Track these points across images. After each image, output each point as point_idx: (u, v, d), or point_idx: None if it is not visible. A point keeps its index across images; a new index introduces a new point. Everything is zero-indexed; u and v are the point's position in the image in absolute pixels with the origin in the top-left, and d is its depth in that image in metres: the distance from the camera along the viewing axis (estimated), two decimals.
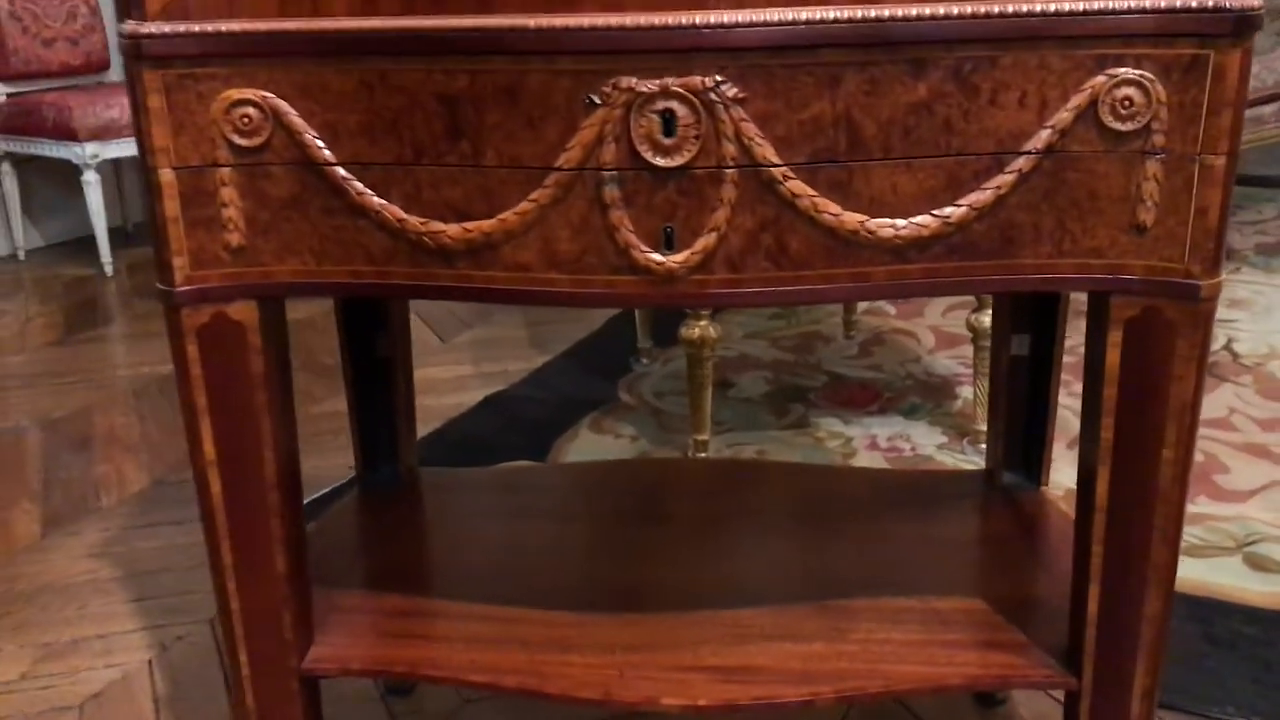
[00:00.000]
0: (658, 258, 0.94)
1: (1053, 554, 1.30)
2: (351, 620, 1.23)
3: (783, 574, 1.28)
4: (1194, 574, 1.78)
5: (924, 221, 0.93)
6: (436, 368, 2.82)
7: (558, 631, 1.19)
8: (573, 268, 0.96)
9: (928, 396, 2.50)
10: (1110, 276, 0.95)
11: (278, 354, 1.08)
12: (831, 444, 2.30)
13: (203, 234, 1.00)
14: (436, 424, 2.47)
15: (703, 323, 2.10)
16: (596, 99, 0.90)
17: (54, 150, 3.73)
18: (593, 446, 2.34)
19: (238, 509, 1.10)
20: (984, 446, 2.12)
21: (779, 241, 0.94)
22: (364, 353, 1.47)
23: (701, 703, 1.09)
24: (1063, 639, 1.13)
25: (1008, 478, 1.44)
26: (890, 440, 2.30)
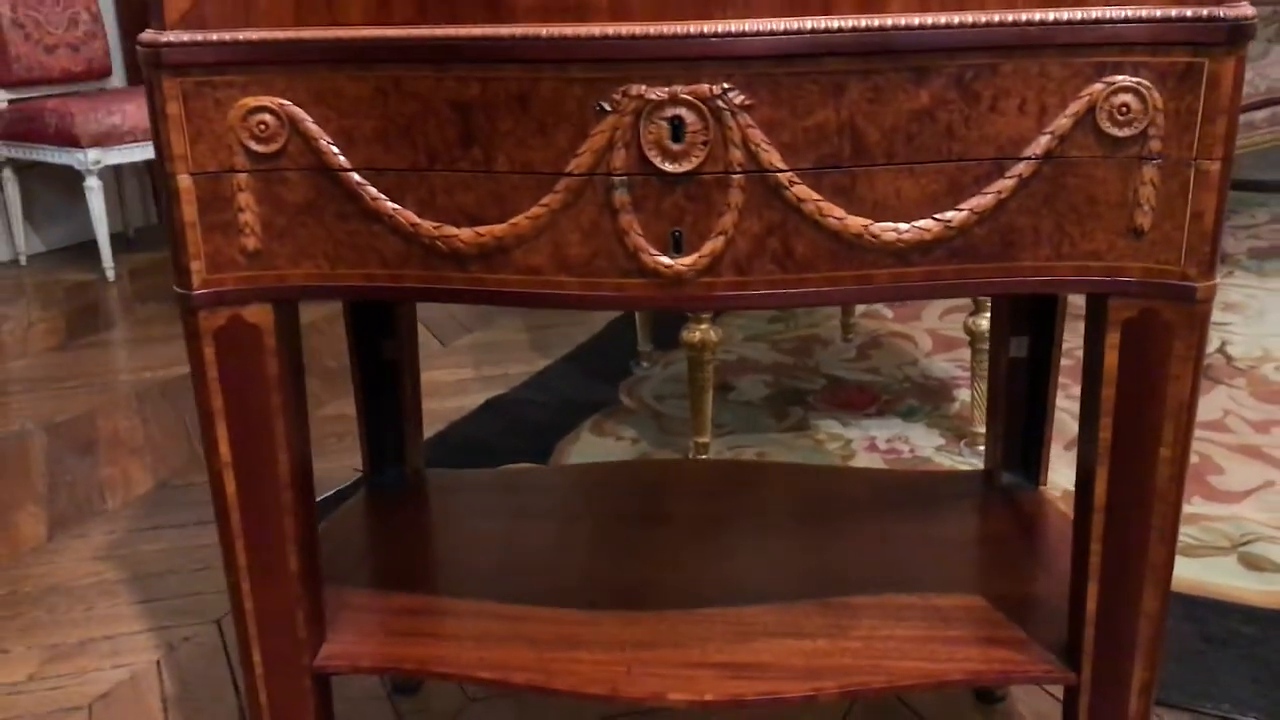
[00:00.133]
0: (666, 261, 0.96)
1: (1051, 553, 1.32)
2: (361, 619, 1.25)
3: (785, 572, 1.30)
4: (1190, 574, 1.80)
5: (926, 225, 0.95)
6: (438, 371, 2.84)
7: (565, 629, 1.21)
8: (583, 271, 0.98)
9: (925, 399, 2.53)
10: (1108, 279, 0.98)
11: (292, 356, 1.10)
12: (831, 446, 2.32)
13: (219, 238, 1.02)
14: (439, 427, 2.49)
15: (703, 326, 2.12)
16: (607, 106, 0.92)
17: (56, 156, 3.75)
18: (594, 449, 2.36)
19: (252, 509, 1.11)
20: (981, 448, 2.15)
21: (785, 245, 0.96)
22: (371, 356, 1.49)
23: (708, 698, 1.11)
24: (1062, 635, 1.15)
25: (1007, 478, 1.47)
26: (889, 442, 2.32)
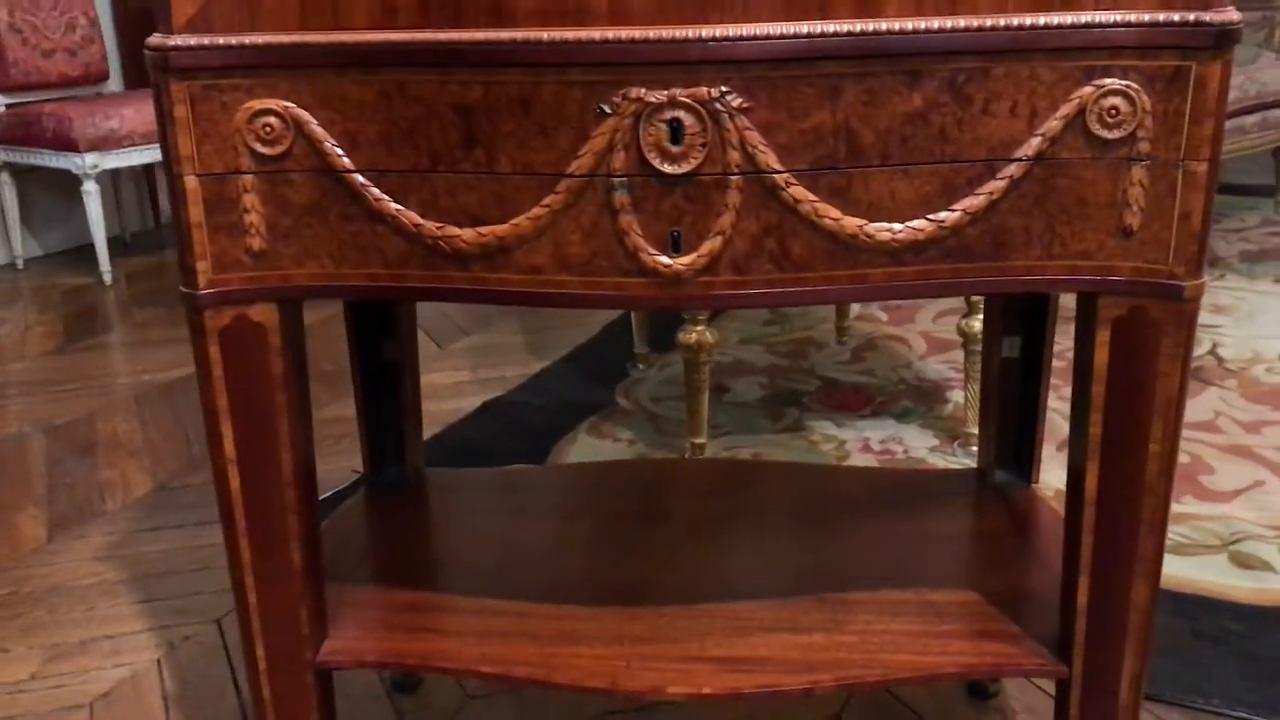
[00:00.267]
0: (665, 260, 0.98)
1: (1043, 549, 1.34)
2: (363, 615, 1.27)
3: (782, 569, 1.32)
4: (1181, 572, 1.82)
5: (920, 225, 0.97)
6: (435, 374, 2.86)
7: (565, 625, 1.23)
8: (583, 270, 1.00)
9: (919, 400, 2.55)
10: (1098, 278, 1.00)
11: (295, 355, 1.12)
12: (825, 447, 2.34)
13: (225, 239, 1.04)
14: (436, 429, 2.50)
15: (699, 328, 2.13)
16: (607, 108, 0.94)
17: (53, 161, 3.76)
18: (591, 450, 2.38)
19: (256, 506, 1.13)
20: (974, 449, 2.17)
21: (781, 245, 0.98)
22: (372, 357, 1.51)
23: (706, 691, 1.13)
24: (1053, 629, 1.17)
25: (999, 476, 1.49)
26: (883, 443, 2.34)
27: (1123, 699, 1.13)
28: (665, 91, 0.94)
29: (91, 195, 3.74)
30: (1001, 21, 0.93)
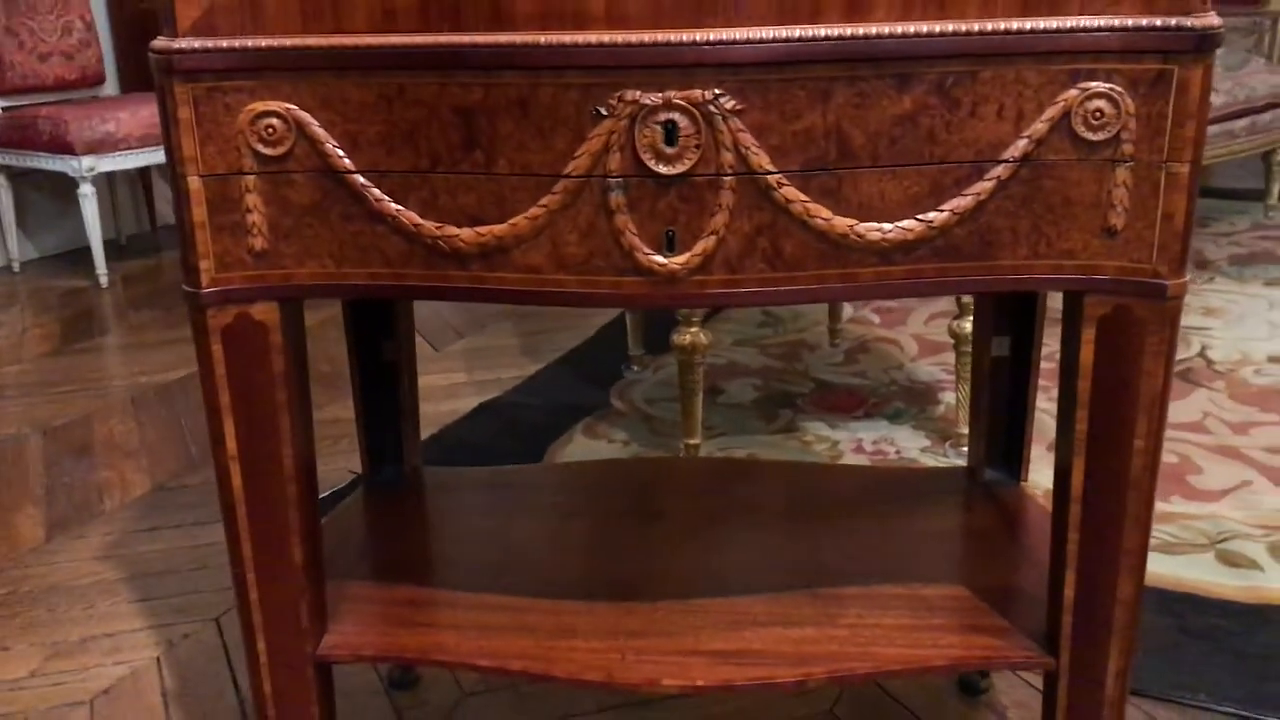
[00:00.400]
0: (660, 260, 1.00)
1: (1032, 545, 1.36)
2: (362, 610, 1.28)
3: (776, 565, 1.34)
4: (1169, 570, 1.85)
5: (909, 226, 1.00)
6: (431, 376, 2.87)
7: (561, 619, 1.24)
8: (580, 269, 1.01)
9: (911, 402, 2.57)
10: (1083, 277, 1.02)
11: (296, 354, 1.14)
12: (818, 448, 2.36)
13: (228, 238, 1.06)
14: (432, 430, 2.52)
15: (693, 329, 2.16)
16: (603, 110, 0.96)
17: (50, 164, 3.77)
18: (586, 451, 2.40)
19: (257, 501, 1.15)
20: (965, 449, 2.19)
21: (774, 244, 1.00)
22: (370, 357, 1.53)
23: (700, 683, 1.15)
24: (1041, 623, 1.19)
25: (989, 474, 1.51)
26: (875, 444, 2.36)
27: (1109, 692, 1.15)
28: (660, 94, 0.96)
29: (88, 198, 3.75)
30: (989, 26, 0.95)
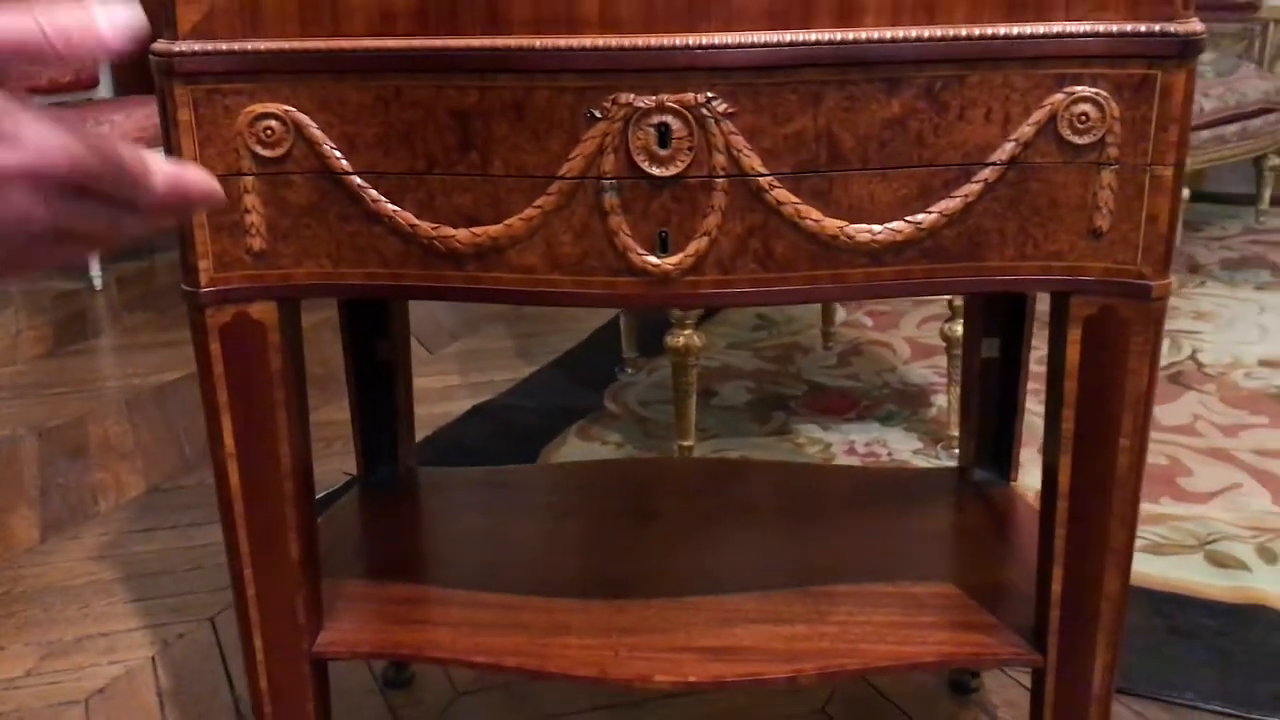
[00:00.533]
0: (654, 260, 1.02)
1: (1021, 544, 1.37)
2: (358, 608, 1.30)
3: (767, 563, 1.35)
4: (1158, 571, 1.86)
5: (898, 227, 1.01)
6: (425, 378, 2.88)
7: (555, 617, 1.26)
8: (574, 270, 1.03)
9: (904, 404, 2.59)
10: (1069, 278, 1.04)
11: (293, 353, 1.15)
12: (811, 449, 2.38)
13: (226, 239, 1.07)
14: (426, 432, 2.52)
15: (687, 332, 2.17)
16: (597, 113, 0.98)
17: None
18: (580, 453, 2.41)
19: (254, 498, 1.16)
20: (957, 451, 2.20)
21: (765, 245, 1.01)
22: (366, 358, 1.54)
23: (692, 679, 1.16)
24: (1029, 620, 1.20)
25: (979, 474, 1.52)
26: (867, 446, 2.38)
27: (1096, 688, 1.17)
28: (653, 97, 0.97)
29: None
30: (976, 31, 0.97)
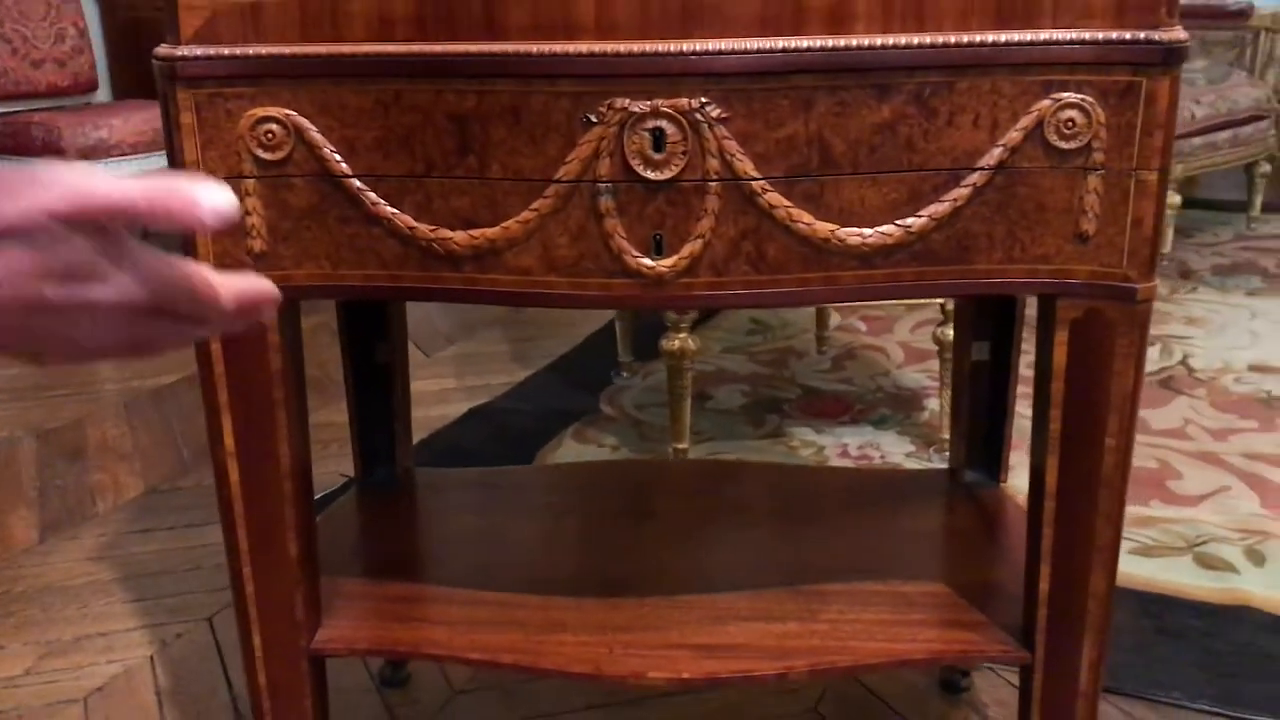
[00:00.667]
0: (648, 262, 1.03)
1: (1010, 544, 1.39)
2: (356, 606, 1.31)
3: (760, 562, 1.37)
4: (1147, 572, 1.88)
5: (888, 230, 1.03)
6: (421, 381, 2.90)
7: (550, 615, 1.27)
8: (570, 271, 1.05)
9: (897, 408, 2.60)
10: (1056, 281, 1.05)
11: (293, 353, 1.17)
12: (804, 452, 2.39)
13: (227, 240, 1.08)
14: (422, 435, 2.54)
15: (682, 335, 2.19)
16: (593, 118, 1.00)
17: None
18: (576, 455, 2.43)
19: (254, 497, 1.17)
20: (949, 453, 2.22)
21: (758, 248, 1.03)
22: (364, 360, 1.56)
23: (685, 676, 1.18)
24: (1018, 618, 1.22)
25: (969, 476, 1.54)
26: (860, 449, 2.39)
27: (1083, 685, 1.18)
28: (648, 102, 0.99)
29: None
30: (965, 38, 0.99)
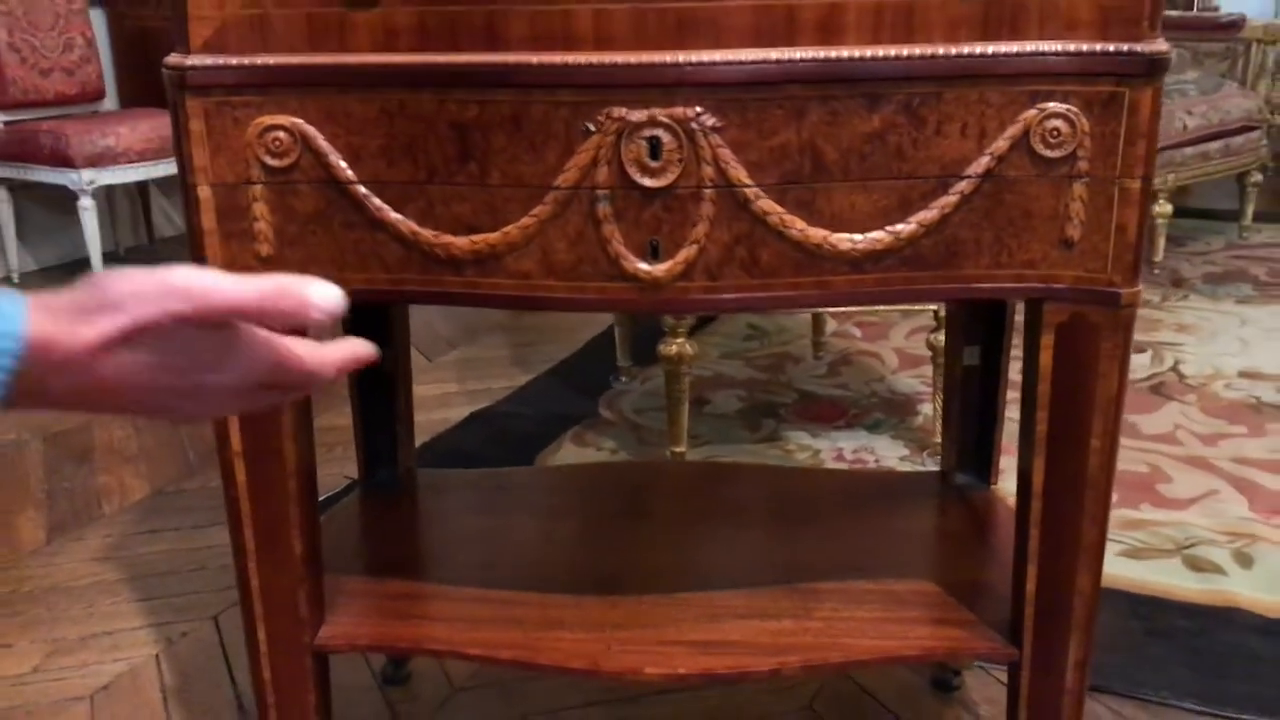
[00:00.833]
0: (645, 267, 1.06)
1: (999, 544, 1.42)
2: (358, 603, 1.34)
3: (755, 561, 1.40)
4: (1136, 574, 1.91)
5: (878, 236, 1.06)
6: (423, 385, 2.92)
7: (549, 612, 1.30)
8: (569, 276, 1.08)
9: (891, 412, 2.63)
10: (1042, 286, 1.08)
11: None
12: (800, 456, 2.42)
13: (235, 245, 1.11)
14: (424, 438, 2.57)
15: (680, 340, 2.22)
16: (591, 126, 1.03)
17: (50, 177, 3.83)
18: (575, 459, 2.46)
19: (260, 495, 1.20)
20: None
21: (751, 253, 1.06)
22: (367, 365, 1.58)
23: (681, 672, 1.20)
24: (1006, 617, 1.25)
25: (960, 478, 1.57)
26: (855, 453, 2.42)
27: (1069, 682, 1.21)
28: (645, 111, 1.02)
29: (87, 211, 3.80)
30: (954, 50, 1.02)
